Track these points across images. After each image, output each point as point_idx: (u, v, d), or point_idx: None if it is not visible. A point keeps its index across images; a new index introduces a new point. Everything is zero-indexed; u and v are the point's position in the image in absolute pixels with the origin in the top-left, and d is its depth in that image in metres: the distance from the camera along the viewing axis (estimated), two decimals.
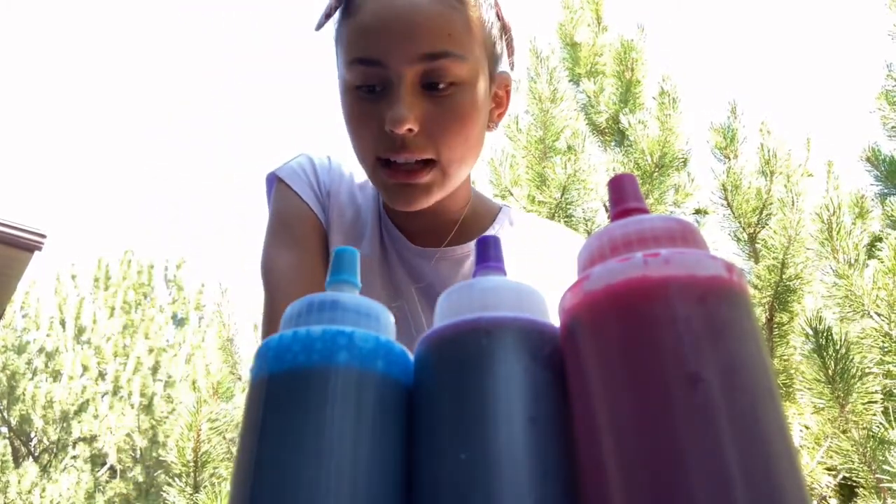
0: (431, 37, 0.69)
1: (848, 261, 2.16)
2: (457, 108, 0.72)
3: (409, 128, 0.69)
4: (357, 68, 0.71)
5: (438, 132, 0.71)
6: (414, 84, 0.70)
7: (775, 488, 0.25)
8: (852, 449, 2.04)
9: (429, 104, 0.71)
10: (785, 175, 2.78)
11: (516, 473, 0.28)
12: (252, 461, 0.29)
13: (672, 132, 2.96)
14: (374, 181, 0.78)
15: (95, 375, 10.60)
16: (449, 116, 0.71)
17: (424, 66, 0.69)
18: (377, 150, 0.73)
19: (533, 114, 2.97)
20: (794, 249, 2.46)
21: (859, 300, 2.10)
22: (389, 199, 0.77)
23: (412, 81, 0.70)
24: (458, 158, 0.74)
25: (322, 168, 0.90)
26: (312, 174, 0.88)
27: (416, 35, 0.68)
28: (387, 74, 0.70)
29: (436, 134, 0.71)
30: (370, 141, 0.73)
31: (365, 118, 0.73)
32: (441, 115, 0.71)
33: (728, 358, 0.27)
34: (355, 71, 0.71)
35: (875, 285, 2.11)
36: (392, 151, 0.72)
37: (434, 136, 0.72)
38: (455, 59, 0.70)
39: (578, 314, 0.30)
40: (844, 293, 2.15)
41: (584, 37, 3.56)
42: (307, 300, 0.35)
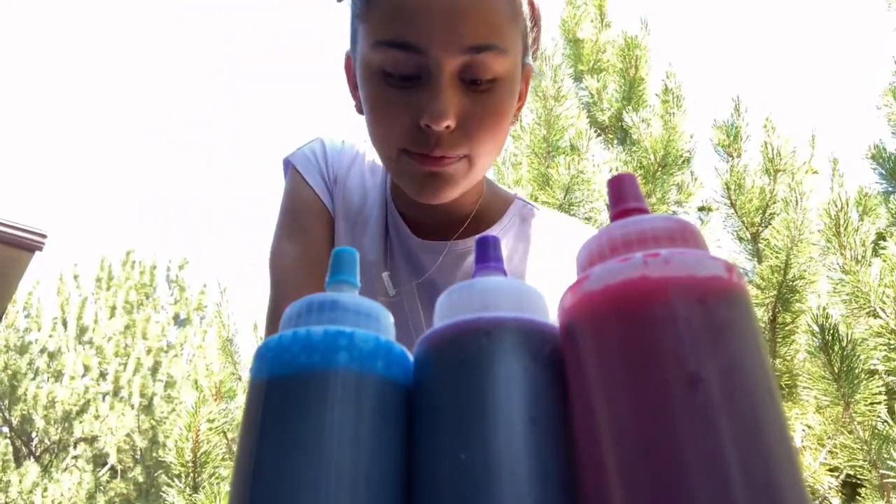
0: (478, 27, 0.63)
1: (855, 257, 2.15)
2: (495, 104, 0.68)
3: (448, 125, 0.65)
4: (389, 52, 0.64)
5: (475, 129, 0.67)
6: (454, 77, 0.65)
7: (775, 488, 0.25)
8: (857, 447, 2.03)
9: (467, 100, 0.66)
10: (789, 174, 2.76)
11: (516, 473, 0.28)
12: (252, 462, 0.29)
13: (675, 130, 2.95)
14: (396, 170, 0.72)
15: (97, 376, 10.61)
16: (487, 113, 0.67)
17: (468, 58, 0.64)
18: (405, 142, 0.68)
19: (537, 112, 2.95)
20: (798, 250, 2.44)
21: (866, 296, 2.09)
22: (415, 191, 0.72)
23: (453, 73, 0.64)
24: (487, 153, 0.71)
25: (333, 152, 0.89)
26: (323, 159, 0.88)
27: (463, 23, 0.62)
28: (425, 63, 0.64)
29: (472, 131, 0.67)
30: (399, 133, 0.68)
31: (394, 108, 0.67)
32: (479, 112, 0.67)
33: (728, 358, 0.27)
34: (387, 55, 0.64)
35: (881, 282, 2.10)
36: (424, 147, 0.67)
37: (470, 133, 0.67)
38: (499, 54, 0.65)
39: (578, 314, 0.30)
40: (851, 289, 2.14)
41: (587, 33, 3.55)
42: (307, 300, 0.35)
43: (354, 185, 0.88)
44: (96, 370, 10.64)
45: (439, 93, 0.64)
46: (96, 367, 10.65)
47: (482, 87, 0.66)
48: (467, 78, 0.65)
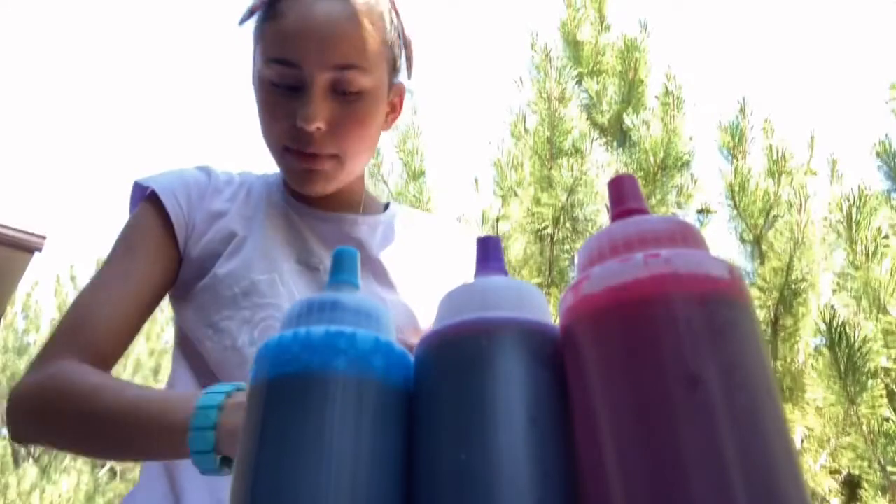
0: (344, 49, 0.79)
1: (866, 252, 2.15)
2: (359, 113, 0.82)
3: (318, 126, 0.79)
4: (275, 67, 0.80)
5: (342, 132, 0.81)
6: (325, 88, 0.79)
7: (775, 488, 0.25)
8: (863, 446, 2.02)
9: (336, 107, 0.80)
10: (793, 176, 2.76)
11: (517, 474, 0.28)
12: (252, 462, 0.30)
13: (675, 133, 2.95)
14: (281, 164, 0.86)
15: None
16: (352, 119, 0.81)
17: (336, 74, 0.79)
18: (286, 140, 0.81)
19: (540, 113, 2.95)
20: (801, 252, 2.44)
21: (875, 293, 2.09)
22: (294, 182, 0.86)
23: (323, 86, 0.79)
24: (355, 154, 0.84)
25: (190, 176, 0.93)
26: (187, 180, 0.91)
27: (331, 46, 0.78)
28: (302, 76, 0.79)
29: (339, 133, 0.81)
30: (280, 130, 0.82)
31: (278, 111, 0.81)
32: (346, 118, 0.81)
33: (728, 359, 0.27)
34: (273, 69, 0.80)
35: (892, 278, 2.09)
36: (300, 145, 0.81)
37: (338, 135, 0.81)
38: (362, 72, 0.80)
39: (579, 315, 0.30)
40: (860, 285, 2.13)
41: (587, 35, 3.55)
42: (307, 301, 0.35)
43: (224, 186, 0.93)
44: None
45: (310, 101, 0.78)
46: None
47: (349, 98, 0.81)
48: (338, 90, 0.80)
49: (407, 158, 3.35)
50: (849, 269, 2.20)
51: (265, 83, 0.82)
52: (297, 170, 0.83)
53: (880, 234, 2.18)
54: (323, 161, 0.82)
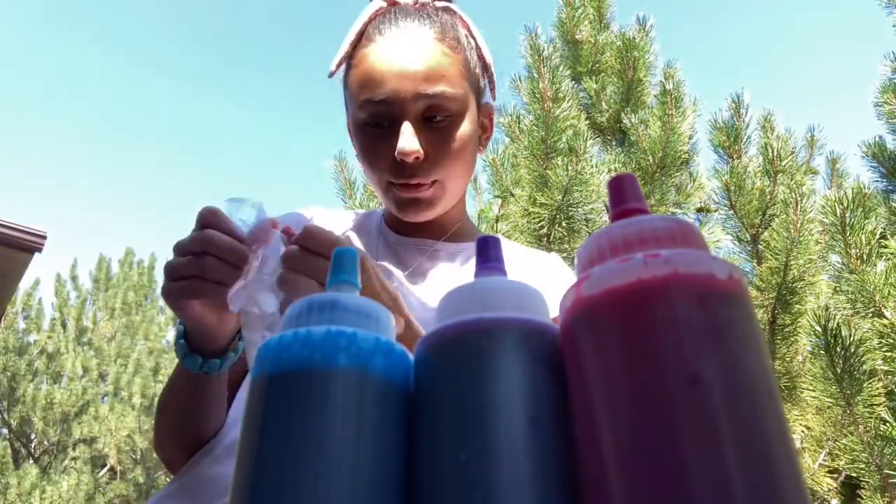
0: (428, 78, 0.82)
1: (860, 255, 2.14)
2: (453, 136, 0.85)
3: (416, 156, 0.82)
4: (367, 108, 0.83)
5: (440, 157, 0.84)
6: (416, 118, 0.83)
7: (775, 488, 0.25)
8: (860, 449, 2.02)
9: (429, 134, 0.84)
10: (789, 175, 2.76)
11: (516, 474, 0.28)
12: (252, 461, 0.29)
13: (674, 132, 2.94)
14: (386, 198, 0.89)
15: (96, 377, 10.59)
16: (447, 144, 0.85)
17: (424, 102, 0.82)
18: (389, 175, 0.85)
19: (535, 113, 2.94)
20: (798, 252, 2.44)
21: (870, 295, 2.08)
22: (401, 212, 0.89)
23: (415, 116, 0.83)
24: (454, 176, 0.88)
25: None
26: None
27: (415, 77, 0.82)
28: (393, 111, 0.82)
29: (437, 159, 0.84)
30: (382, 168, 0.85)
31: (376, 149, 0.85)
32: (441, 144, 0.84)
33: (728, 359, 0.27)
34: (366, 110, 0.84)
35: (886, 281, 2.08)
36: (402, 177, 0.84)
37: (436, 161, 0.84)
38: (449, 97, 0.83)
39: (579, 315, 0.30)
40: (855, 288, 2.13)
41: (586, 34, 3.54)
42: (307, 301, 0.35)
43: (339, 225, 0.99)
44: (95, 371, 10.63)
45: (405, 133, 0.82)
46: (95, 368, 10.63)
47: (440, 123, 0.84)
48: (429, 118, 0.84)
49: None
50: (844, 271, 2.19)
51: (360, 126, 0.86)
52: (403, 200, 0.87)
53: (875, 237, 2.18)
54: (425, 188, 0.86)
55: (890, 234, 2.47)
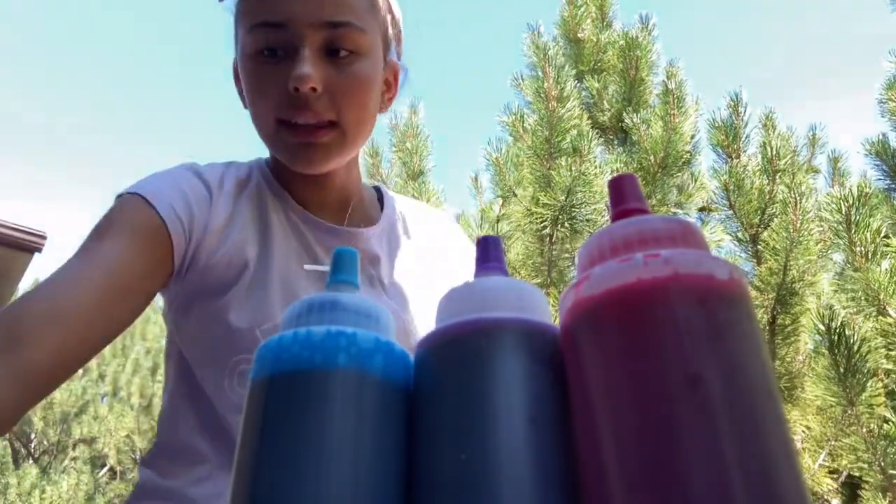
0: (335, 6, 0.73)
1: (865, 253, 2.13)
2: (356, 74, 0.76)
3: (313, 86, 0.72)
4: (260, 32, 0.74)
5: (339, 95, 0.75)
6: (317, 48, 0.73)
7: (775, 488, 0.25)
8: (862, 448, 2.01)
9: (331, 68, 0.74)
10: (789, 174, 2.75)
11: (516, 474, 0.28)
12: (252, 461, 0.29)
13: (676, 132, 2.93)
14: (275, 143, 0.78)
15: (96, 377, 10.59)
16: (349, 81, 0.75)
17: (328, 32, 0.73)
18: (279, 111, 0.75)
19: (539, 113, 2.93)
20: (798, 252, 2.43)
21: (875, 293, 2.08)
22: (290, 160, 0.78)
23: (316, 46, 0.73)
24: (355, 123, 0.77)
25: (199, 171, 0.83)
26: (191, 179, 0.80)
27: (321, 4, 0.73)
28: (290, 38, 0.73)
29: (337, 96, 0.74)
30: (272, 103, 0.75)
31: (267, 80, 0.74)
32: (342, 80, 0.75)
33: (728, 359, 0.27)
34: (258, 35, 0.74)
35: (891, 279, 2.08)
36: (295, 111, 0.74)
37: (335, 99, 0.74)
38: (356, 30, 0.74)
39: (579, 315, 0.30)
40: (860, 286, 2.12)
41: (588, 32, 3.53)
42: (307, 301, 0.35)
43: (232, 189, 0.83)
44: (95, 371, 10.62)
45: (303, 60, 0.72)
46: (95, 368, 10.63)
47: (344, 58, 0.75)
48: (329, 49, 0.74)
49: (406, 158, 3.34)
50: (848, 269, 2.19)
51: (251, 54, 0.75)
52: (294, 145, 0.76)
53: (879, 235, 2.17)
54: (321, 132, 0.75)
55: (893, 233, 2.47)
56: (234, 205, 0.81)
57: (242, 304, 0.75)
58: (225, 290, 0.75)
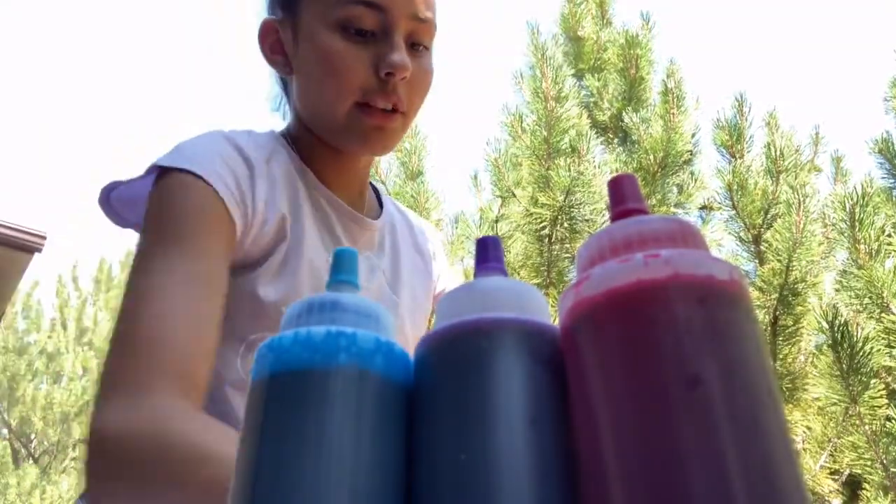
0: (426, 2, 0.77)
1: (869, 251, 2.13)
2: (429, 69, 0.80)
3: (405, 76, 0.74)
4: (356, 8, 0.73)
5: (416, 87, 0.78)
6: (405, 38, 0.76)
7: (775, 489, 0.25)
8: (865, 446, 2.01)
9: (412, 60, 0.76)
10: (792, 174, 2.75)
11: (516, 474, 0.28)
12: (252, 461, 0.30)
13: (676, 131, 2.93)
14: (344, 124, 0.77)
15: (96, 377, 10.61)
16: (423, 75, 0.79)
17: (415, 25, 0.76)
18: (360, 93, 0.74)
19: (537, 113, 2.93)
20: (801, 253, 2.43)
21: (878, 292, 2.08)
22: (362, 142, 0.79)
23: (405, 35, 0.75)
24: (415, 113, 0.81)
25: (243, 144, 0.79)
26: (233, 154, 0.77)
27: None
28: (386, 21, 0.74)
29: (413, 88, 0.77)
30: (354, 83, 0.74)
31: (351, 59, 0.74)
32: (420, 73, 0.78)
33: (728, 359, 0.27)
34: (353, 10, 0.73)
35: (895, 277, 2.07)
36: (381, 95, 0.74)
37: (412, 90, 0.77)
38: (434, 28, 0.78)
39: (579, 315, 0.30)
40: (864, 284, 2.12)
41: (588, 30, 3.53)
42: (307, 301, 0.35)
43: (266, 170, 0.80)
44: (95, 371, 10.64)
45: (400, 47, 0.74)
46: (95, 369, 10.65)
47: (420, 52, 0.78)
48: (411, 42, 0.76)
49: (405, 158, 3.33)
50: (852, 267, 2.18)
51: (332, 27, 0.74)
52: (369, 127, 0.76)
53: (884, 233, 2.17)
54: (394, 118, 0.77)
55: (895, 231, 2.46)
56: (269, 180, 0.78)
57: (272, 280, 0.74)
58: (260, 263, 0.74)
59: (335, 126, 0.78)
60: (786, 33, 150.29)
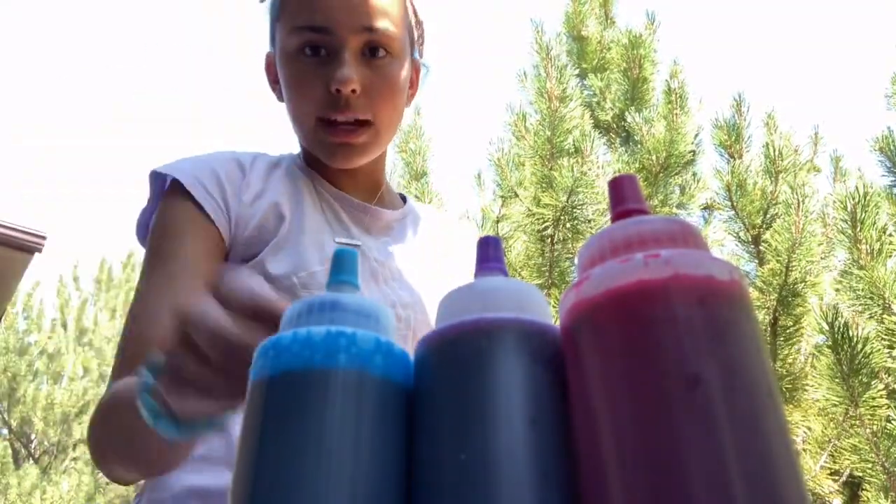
0: (373, 12, 0.79)
1: (871, 252, 2.12)
2: (391, 75, 0.82)
3: (354, 88, 0.78)
4: (304, 34, 0.79)
5: (376, 95, 0.80)
6: (356, 52, 0.79)
7: (775, 489, 0.25)
8: (867, 448, 2.01)
9: (368, 70, 0.80)
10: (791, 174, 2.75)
11: (516, 474, 0.28)
12: (252, 461, 0.30)
13: (678, 132, 2.93)
14: (313, 140, 0.84)
15: (96, 377, 10.61)
16: (385, 82, 0.81)
17: (367, 36, 0.79)
18: (319, 110, 0.80)
19: (541, 113, 2.92)
20: (800, 253, 2.43)
21: (880, 292, 2.07)
22: (329, 157, 0.84)
23: (355, 49, 0.79)
24: (388, 121, 0.84)
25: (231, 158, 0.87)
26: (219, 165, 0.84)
27: (361, 8, 0.79)
28: (332, 41, 0.79)
29: (373, 96, 0.80)
30: (313, 101, 0.80)
31: (308, 80, 0.80)
32: (378, 81, 0.81)
33: (728, 359, 0.27)
34: (301, 36, 0.79)
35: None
36: (335, 111, 0.79)
37: (372, 99, 0.80)
38: (390, 35, 0.81)
39: (579, 315, 0.30)
40: (865, 284, 2.11)
41: (592, 30, 3.52)
42: (307, 301, 0.35)
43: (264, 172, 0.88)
44: (96, 371, 10.65)
45: (344, 62, 0.78)
46: (96, 369, 10.65)
47: (379, 60, 0.81)
48: (367, 51, 0.80)
49: (409, 159, 3.34)
50: (853, 267, 2.17)
51: (292, 54, 0.80)
52: (332, 143, 0.81)
53: (885, 233, 2.16)
54: (358, 134, 0.81)
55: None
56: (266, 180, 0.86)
57: (278, 255, 0.79)
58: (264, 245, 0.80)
59: (308, 143, 0.85)
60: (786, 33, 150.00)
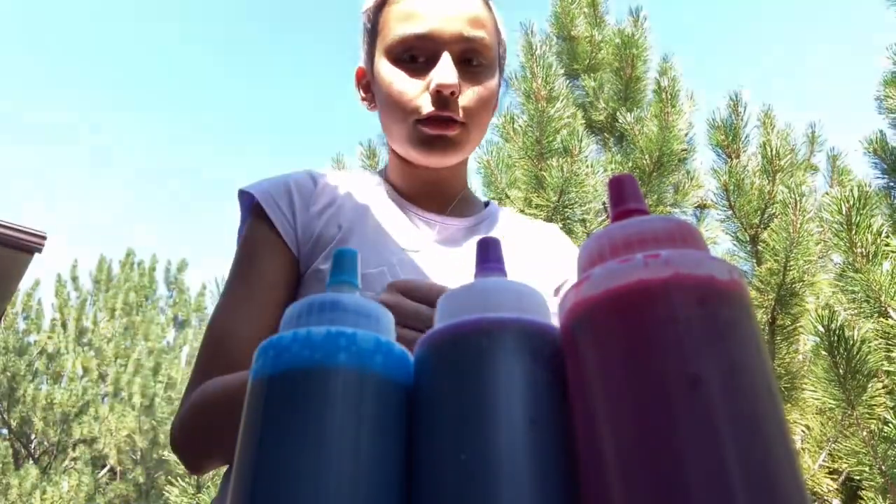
0: (472, 23, 0.85)
1: (866, 254, 2.11)
2: (484, 83, 0.87)
3: (453, 90, 0.82)
4: (405, 41, 0.84)
5: (471, 100, 0.85)
6: (455, 58, 0.84)
7: (775, 489, 0.25)
8: (863, 451, 2.00)
9: (465, 76, 0.85)
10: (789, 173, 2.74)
11: (516, 474, 0.28)
12: (252, 461, 0.30)
13: (670, 130, 2.92)
14: (409, 137, 0.87)
15: (96, 377, 10.60)
16: (479, 89, 0.86)
17: (465, 44, 0.84)
18: (419, 110, 0.84)
19: (529, 113, 2.92)
20: (798, 252, 2.43)
21: (876, 295, 2.06)
22: (426, 150, 0.86)
23: (454, 56, 0.84)
24: (478, 126, 0.88)
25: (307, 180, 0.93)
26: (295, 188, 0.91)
27: (460, 17, 0.84)
28: (433, 48, 0.84)
29: (468, 102, 0.85)
30: (413, 101, 0.84)
31: (408, 83, 0.84)
32: (473, 87, 0.86)
33: (728, 359, 0.27)
34: (403, 44, 0.84)
35: (893, 280, 2.05)
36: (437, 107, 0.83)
37: (468, 102, 0.85)
38: (486, 44, 0.86)
39: (579, 315, 0.30)
40: (861, 287, 2.10)
41: (582, 29, 3.49)
42: (307, 301, 0.35)
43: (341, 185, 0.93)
44: (95, 371, 10.63)
45: (447, 65, 0.82)
46: (95, 369, 10.64)
47: (475, 67, 0.86)
48: (464, 59, 0.85)
49: None
50: (848, 270, 2.17)
51: (392, 60, 0.86)
52: (430, 137, 0.84)
53: (880, 236, 2.15)
54: (453, 127, 0.84)
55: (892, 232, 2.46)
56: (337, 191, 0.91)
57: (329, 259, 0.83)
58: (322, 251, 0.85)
59: (403, 142, 0.88)
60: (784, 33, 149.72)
